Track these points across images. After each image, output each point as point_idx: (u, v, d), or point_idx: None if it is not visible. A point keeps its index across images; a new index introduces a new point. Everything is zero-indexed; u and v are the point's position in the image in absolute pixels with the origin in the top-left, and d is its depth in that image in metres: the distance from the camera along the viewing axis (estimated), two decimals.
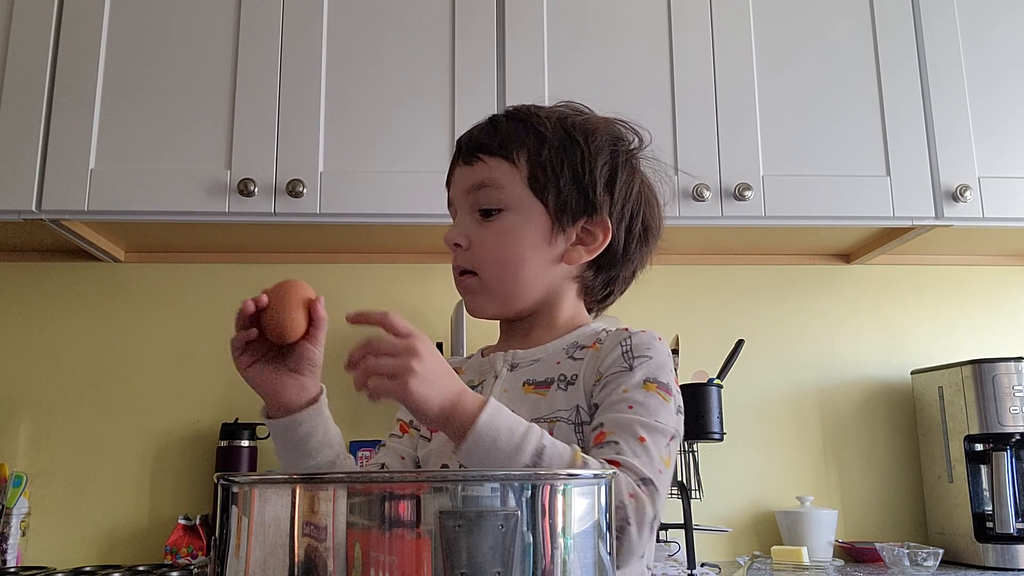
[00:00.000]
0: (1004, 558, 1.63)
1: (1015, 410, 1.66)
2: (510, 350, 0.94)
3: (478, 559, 0.46)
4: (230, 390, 1.87)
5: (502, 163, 0.91)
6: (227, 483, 0.51)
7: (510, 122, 0.93)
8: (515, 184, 0.90)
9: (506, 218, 0.90)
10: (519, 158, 0.91)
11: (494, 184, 0.90)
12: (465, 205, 0.93)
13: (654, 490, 0.77)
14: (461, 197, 0.93)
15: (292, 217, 1.62)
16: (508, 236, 0.90)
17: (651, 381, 0.85)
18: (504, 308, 0.93)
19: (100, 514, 1.80)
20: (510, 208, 0.90)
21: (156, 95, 1.65)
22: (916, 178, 1.71)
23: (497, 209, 0.91)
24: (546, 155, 0.90)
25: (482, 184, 0.91)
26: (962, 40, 1.78)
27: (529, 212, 0.90)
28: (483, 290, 0.92)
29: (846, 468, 1.92)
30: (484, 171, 0.91)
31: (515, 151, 0.91)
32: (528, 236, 0.90)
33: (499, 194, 0.90)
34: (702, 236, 1.86)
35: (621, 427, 0.81)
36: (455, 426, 0.73)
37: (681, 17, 1.75)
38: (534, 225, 0.90)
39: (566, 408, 0.87)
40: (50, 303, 1.90)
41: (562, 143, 0.91)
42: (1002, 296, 2.02)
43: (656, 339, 0.89)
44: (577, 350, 0.91)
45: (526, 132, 0.92)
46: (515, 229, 0.90)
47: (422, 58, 1.69)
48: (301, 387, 0.85)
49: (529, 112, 0.94)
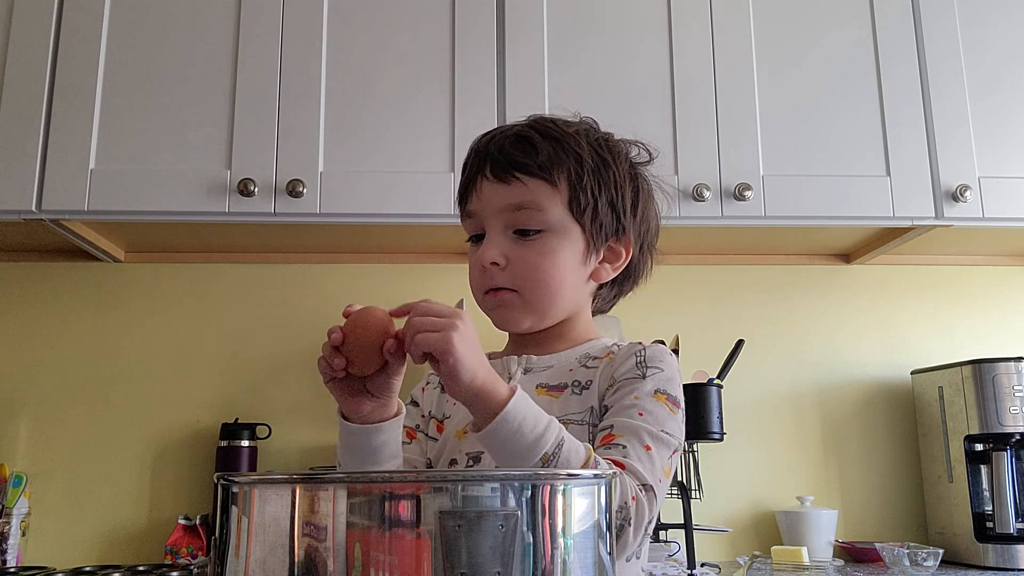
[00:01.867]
0: (1004, 558, 1.63)
1: (1015, 410, 1.66)
2: (524, 355, 0.97)
3: (478, 559, 0.46)
4: (230, 390, 1.88)
5: (543, 186, 0.91)
6: (227, 483, 0.51)
7: (547, 142, 0.92)
8: (556, 207, 0.91)
9: (548, 239, 0.91)
10: (559, 181, 0.91)
11: (536, 207, 0.90)
12: (499, 223, 0.92)
13: (653, 496, 0.80)
14: (494, 215, 0.92)
15: (292, 217, 1.62)
16: (550, 258, 0.91)
17: (662, 392, 0.88)
18: (539, 324, 0.95)
19: (100, 514, 1.80)
20: (551, 230, 0.91)
21: (156, 95, 1.65)
22: (916, 178, 1.71)
23: (537, 230, 0.91)
24: (586, 180, 0.91)
25: (522, 206, 0.90)
26: (962, 40, 1.78)
27: (569, 234, 0.91)
28: (523, 307, 0.92)
29: (846, 468, 1.92)
30: (524, 192, 0.91)
31: (555, 173, 0.91)
32: (569, 258, 0.92)
33: (540, 216, 0.90)
34: (702, 236, 1.86)
35: (630, 432, 0.84)
36: (483, 405, 0.74)
37: (681, 17, 1.75)
38: (573, 246, 0.92)
39: (580, 410, 0.90)
40: (50, 303, 1.90)
41: (597, 166, 0.93)
42: (1002, 296, 2.02)
43: (668, 354, 0.93)
44: (590, 360, 0.94)
45: (565, 154, 0.92)
46: (557, 251, 0.91)
47: (422, 58, 1.69)
48: (380, 406, 0.84)
49: (562, 132, 0.94)
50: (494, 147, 0.93)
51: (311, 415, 1.86)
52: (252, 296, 1.93)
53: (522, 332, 0.95)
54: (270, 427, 1.83)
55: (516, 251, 0.91)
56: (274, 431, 1.84)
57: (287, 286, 1.93)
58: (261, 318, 1.92)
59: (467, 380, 0.73)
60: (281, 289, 1.93)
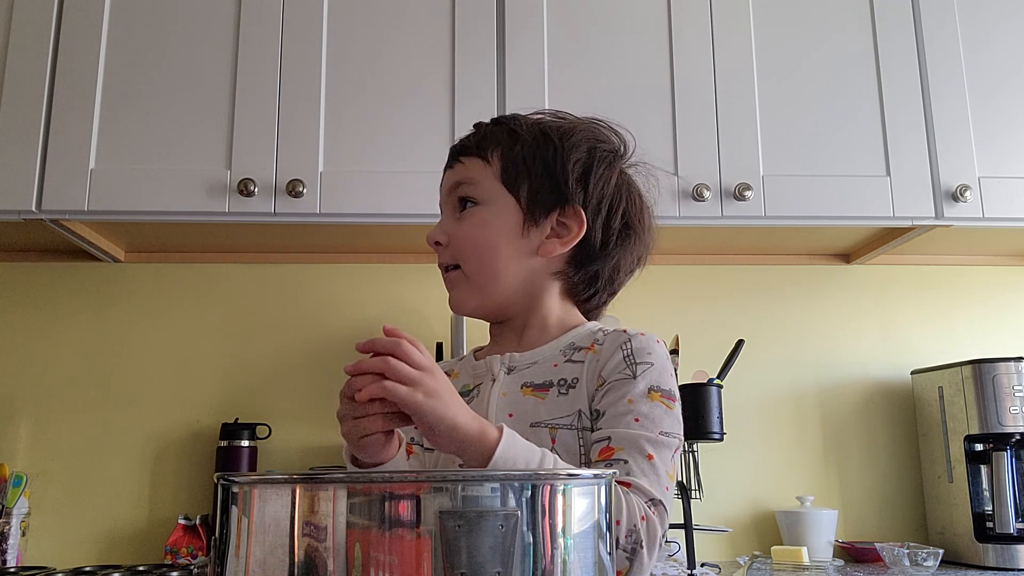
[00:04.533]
0: (1004, 558, 1.63)
1: (1015, 410, 1.66)
2: (506, 353, 0.95)
3: (478, 559, 0.46)
4: (230, 390, 1.88)
5: (477, 161, 0.96)
6: (227, 483, 0.51)
7: (490, 126, 0.99)
8: (488, 179, 0.95)
9: (480, 211, 0.95)
10: (492, 155, 0.95)
11: (468, 181, 0.96)
12: (448, 206, 0.98)
13: (663, 510, 0.81)
14: (444, 199, 0.99)
15: (292, 217, 1.62)
16: (482, 227, 0.94)
17: (655, 390, 0.86)
18: (484, 300, 0.95)
19: (100, 514, 1.80)
20: (483, 202, 0.95)
21: (156, 95, 1.65)
22: (916, 178, 1.71)
23: (473, 203, 0.95)
24: (518, 150, 0.95)
25: (459, 183, 0.96)
26: (962, 40, 1.78)
27: (502, 205, 0.94)
28: (464, 281, 0.95)
29: (846, 468, 1.92)
30: (461, 170, 0.97)
31: (489, 149, 0.96)
32: (501, 227, 0.94)
33: (473, 189, 0.95)
34: (702, 236, 1.86)
35: (629, 443, 0.83)
36: (471, 454, 0.73)
37: (681, 17, 1.75)
38: (506, 217, 0.94)
39: (567, 414, 0.88)
40: (50, 303, 1.90)
41: (535, 140, 0.95)
42: (1002, 296, 2.02)
43: (655, 342, 0.90)
44: (574, 352, 0.92)
45: (502, 132, 0.97)
46: (489, 221, 0.94)
47: (422, 58, 1.69)
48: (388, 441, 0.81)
49: (510, 117, 1.00)
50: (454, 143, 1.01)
51: (311, 415, 1.86)
52: (252, 296, 1.93)
53: (472, 314, 0.97)
54: (270, 427, 1.83)
55: (454, 227, 0.96)
56: (274, 431, 1.84)
57: (287, 286, 1.93)
58: (261, 318, 1.91)
59: (446, 435, 0.72)
60: (281, 289, 1.93)
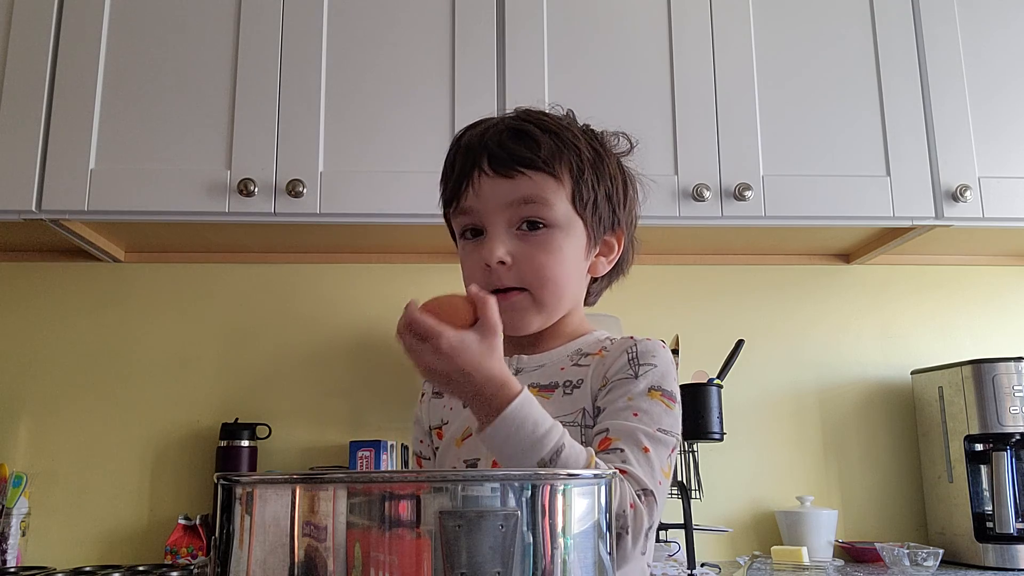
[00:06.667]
0: (1004, 558, 1.63)
1: (1015, 410, 1.66)
2: (515, 355, 0.95)
3: (478, 559, 0.46)
4: (230, 390, 1.87)
5: (548, 179, 0.89)
6: (227, 483, 0.51)
7: (546, 135, 0.90)
8: (561, 201, 0.89)
9: (554, 235, 0.89)
10: (563, 175, 0.90)
11: (542, 201, 0.88)
12: (501, 220, 0.89)
13: (653, 501, 0.80)
14: (496, 211, 0.89)
15: (292, 217, 1.62)
16: (558, 255, 0.89)
17: (656, 389, 0.87)
18: (546, 323, 0.93)
19: (100, 514, 1.80)
20: (557, 225, 0.89)
21: (156, 95, 1.65)
22: (916, 178, 1.70)
23: (543, 225, 0.89)
24: (587, 173, 0.91)
25: (528, 200, 0.88)
26: (962, 40, 1.77)
27: (574, 228, 0.91)
28: (533, 307, 0.90)
29: (846, 468, 1.92)
30: (529, 186, 0.88)
31: (558, 167, 0.89)
32: (575, 254, 0.91)
33: (546, 211, 0.88)
34: (702, 236, 1.86)
35: (626, 435, 0.83)
36: (484, 404, 0.74)
37: (681, 18, 1.75)
38: (577, 241, 0.91)
39: (571, 411, 0.88)
40: (50, 303, 1.90)
41: (594, 160, 0.92)
42: (1002, 296, 2.02)
43: (660, 347, 0.91)
44: (582, 357, 0.93)
45: (565, 147, 0.90)
46: (564, 247, 0.89)
47: (422, 58, 1.69)
48: None
49: (558, 125, 0.92)
50: (491, 141, 0.90)
51: (311, 415, 1.86)
52: (252, 296, 1.93)
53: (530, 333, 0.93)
54: (270, 427, 1.83)
55: (522, 248, 0.88)
56: (274, 431, 1.84)
57: (287, 286, 1.93)
58: (261, 318, 1.91)
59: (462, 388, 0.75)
60: (281, 289, 1.93)
